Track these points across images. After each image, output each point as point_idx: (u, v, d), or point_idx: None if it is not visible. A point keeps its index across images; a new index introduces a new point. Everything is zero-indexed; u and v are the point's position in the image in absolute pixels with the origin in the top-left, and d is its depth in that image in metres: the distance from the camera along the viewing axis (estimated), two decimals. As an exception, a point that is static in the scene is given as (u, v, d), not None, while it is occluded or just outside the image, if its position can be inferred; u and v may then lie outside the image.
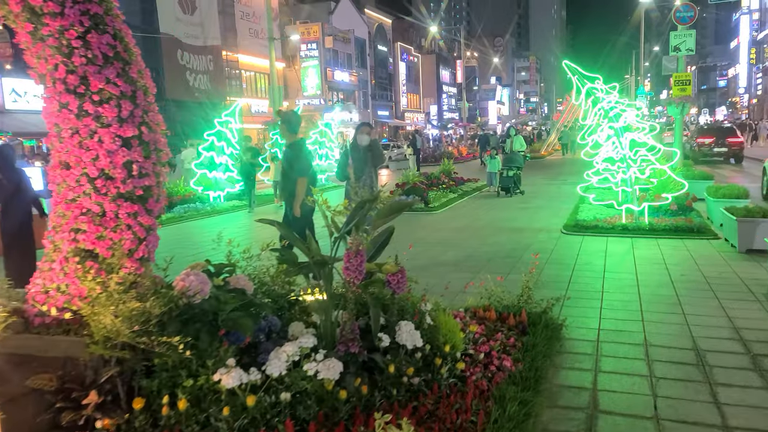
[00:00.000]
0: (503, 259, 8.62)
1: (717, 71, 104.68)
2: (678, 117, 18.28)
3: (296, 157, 6.86)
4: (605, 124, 11.09)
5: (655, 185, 11.59)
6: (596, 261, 8.29)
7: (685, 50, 18.27)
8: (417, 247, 9.77)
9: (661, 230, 10.04)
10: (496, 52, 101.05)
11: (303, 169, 6.85)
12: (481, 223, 12.26)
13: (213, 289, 3.58)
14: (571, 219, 11.57)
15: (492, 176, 17.88)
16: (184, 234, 12.54)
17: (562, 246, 9.49)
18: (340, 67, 53.56)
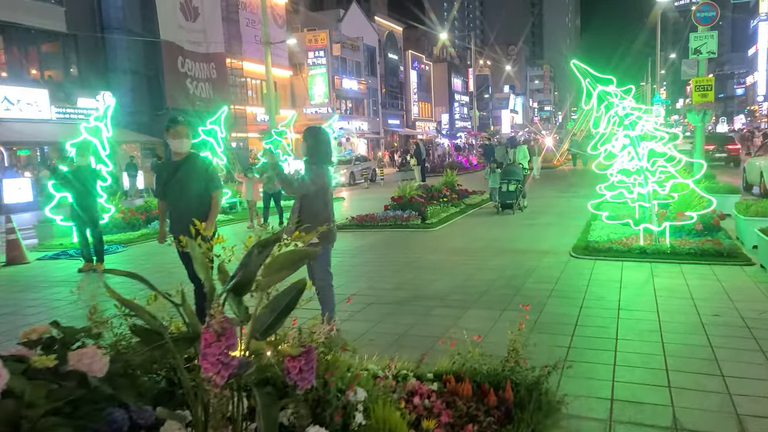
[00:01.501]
0: (500, 290, 7.34)
1: (734, 79, 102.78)
2: (699, 125, 16.92)
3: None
4: (620, 132, 9.79)
5: (677, 201, 10.29)
6: (609, 294, 6.99)
7: (706, 53, 16.92)
8: (404, 273, 8.53)
9: (684, 254, 8.73)
10: (509, 61, 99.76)
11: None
12: (482, 243, 10.99)
13: (15, 379, 2.35)
14: (582, 239, 10.28)
15: (494, 192, 16.20)
16: (149, 254, 11.38)
17: (570, 273, 8.20)
18: (348, 75, 52.55)
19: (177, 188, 5.91)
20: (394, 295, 7.29)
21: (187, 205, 5.84)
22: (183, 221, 5.51)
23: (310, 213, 5.50)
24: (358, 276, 8.47)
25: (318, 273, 5.64)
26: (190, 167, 5.96)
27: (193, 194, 5.89)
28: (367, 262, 9.50)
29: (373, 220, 13.35)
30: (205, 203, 5.96)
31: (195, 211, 5.63)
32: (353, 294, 7.35)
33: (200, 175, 5.95)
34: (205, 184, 5.96)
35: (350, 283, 8.02)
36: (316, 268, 5.65)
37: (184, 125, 6.06)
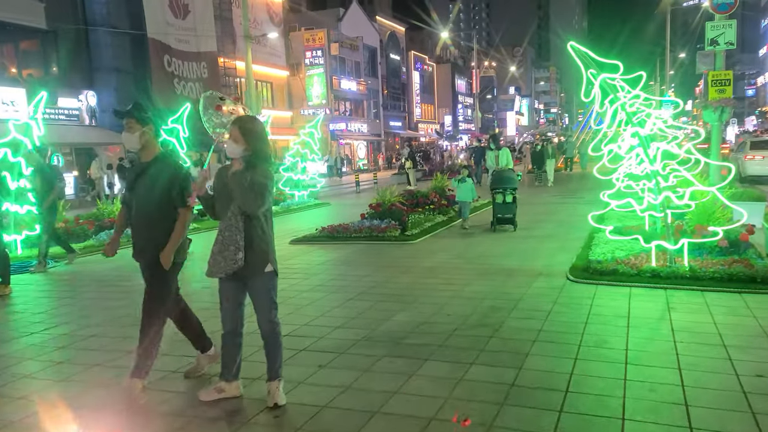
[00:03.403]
0: (473, 330, 5.72)
1: (745, 80, 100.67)
2: (715, 124, 15.25)
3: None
4: (627, 132, 8.17)
5: (695, 211, 8.65)
6: (614, 338, 5.36)
7: (724, 44, 15.25)
8: (360, 302, 6.94)
9: (707, 279, 7.10)
10: (514, 62, 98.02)
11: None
12: (464, 260, 9.37)
13: None
14: (582, 257, 8.66)
15: (464, 207, 12.68)
16: (77, 274, 9.82)
17: (565, 304, 6.57)
18: (347, 76, 51.03)
19: (138, 196, 4.56)
20: (336, 336, 5.69)
21: (147, 220, 4.50)
22: (139, 239, 4.58)
23: (263, 240, 4.17)
24: (302, 306, 6.86)
25: (266, 311, 4.31)
26: (156, 172, 4.51)
27: (154, 206, 4.47)
28: (319, 286, 7.90)
29: (345, 231, 11.75)
30: (169, 219, 4.49)
31: (155, 229, 4.45)
32: (286, 334, 5.75)
33: (166, 183, 4.46)
34: (170, 196, 4.46)
35: (288, 316, 6.42)
36: (263, 301, 4.28)
37: (132, 118, 4.58)
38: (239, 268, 4.03)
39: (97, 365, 5.21)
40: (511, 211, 11.97)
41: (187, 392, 4.55)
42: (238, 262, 4.00)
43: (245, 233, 4.03)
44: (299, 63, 47.71)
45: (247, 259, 4.04)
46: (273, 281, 4.25)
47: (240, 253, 4.00)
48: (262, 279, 4.17)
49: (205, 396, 4.33)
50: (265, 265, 4.14)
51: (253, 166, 4.05)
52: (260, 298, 4.20)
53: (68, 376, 5.00)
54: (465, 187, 12.46)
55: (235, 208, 4.05)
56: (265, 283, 4.19)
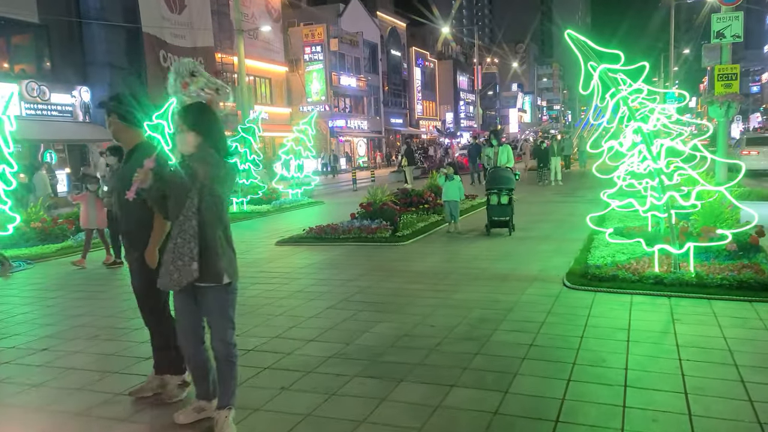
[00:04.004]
0: (457, 345, 5.20)
1: (750, 76, 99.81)
2: (722, 120, 14.72)
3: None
4: (629, 128, 7.62)
5: (701, 211, 8.12)
6: (613, 355, 4.83)
7: (730, 36, 14.72)
8: (339, 311, 6.41)
9: (715, 286, 6.56)
10: (517, 59, 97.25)
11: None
12: (455, 263, 8.84)
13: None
14: (580, 261, 8.12)
15: (451, 208, 11.55)
16: (51, 276, 9.31)
17: (561, 314, 6.04)
18: (346, 72, 50.42)
19: (118, 189, 4.15)
20: (307, 352, 5.16)
21: (127, 214, 4.13)
22: (125, 236, 4.29)
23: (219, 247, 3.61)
24: (274, 316, 6.34)
25: (220, 330, 3.73)
26: (134, 162, 4.01)
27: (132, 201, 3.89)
28: (298, 293, 7.38)
29: (334, 232, 11.22)
30: (150, 215, 4.00)
31: (136, 224, 4.05)
32: (250, 349, 5.24)
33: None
34: None
35: (257, 328, 5.90)
36: (217, 318, 3.71)
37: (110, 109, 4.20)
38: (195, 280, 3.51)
39: (40, 386, 4.68)
40: (506, 213, 11.04)
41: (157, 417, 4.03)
42: (193, 274, 3.48)
43: (200, 239, 3.50)
44: (298, 59, 47.13)
45: (201, 269, 3.52)
46: (230, 295, 3.68)
47: (195, 263, 3.48)
48: (217, 292, 3.61)
49: (184, 418, 3.83)
50: (220, 276, 3.58)
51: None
52: (214, 315, 3.66)
53: None
54: (452, 185, 11.50)
55: (191, 204, 3.50)
56: (220, 298, 3.63)
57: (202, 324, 3.78)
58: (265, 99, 43.56)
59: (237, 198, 17.26)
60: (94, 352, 5.33)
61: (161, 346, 4.27)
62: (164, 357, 4.26)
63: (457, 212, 11.65)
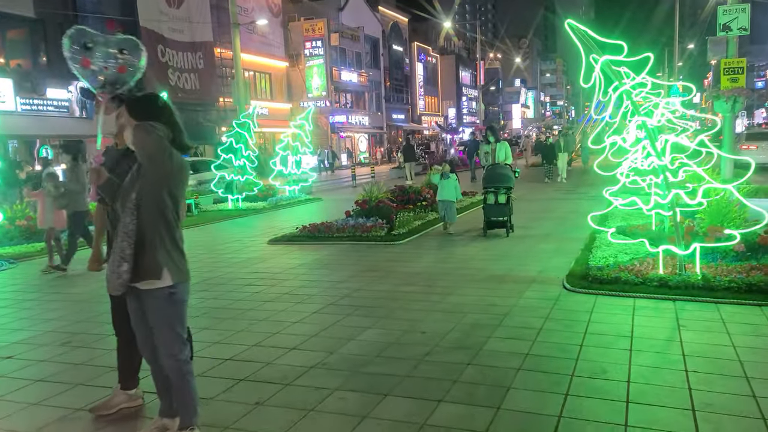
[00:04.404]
0: (448, 355, 4.87)
1: (755, 72, 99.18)
2: (728, 115, 14.32)
3: None
4: (632, 123, 7.27)
5: (707, 209, 7.79)
6: (614, 366, 4.49)
7: (737, 29, 14.31)
8: (325, 315, 6.09)
9: (723, 289, 6.21)
10: (520, 54, 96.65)
11: None
12: (450, 263, 8.50)
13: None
14: (581, 261, 7.78)
15: (447, 208, 10.94)
16: (30, 278, 9.00)
17: (559, 319, 5.71)
18: (347, 67, 50.02)
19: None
20: (287, 361, 4.84)
21: None
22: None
23: (160, 245, 3.26)
24: (257, 321, 6.01)
25: (167, 344, 3.35)
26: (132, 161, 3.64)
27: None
28: (285, 295, 7.05)
29: (328, 230, 10.89)
30: None
31: None
32: (227, 359, 4.92)
33: None
34: None
35: (238, 334, 5.58)
36: (161, 329, 3.34)
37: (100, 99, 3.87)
38: (126, 282, 3.18)
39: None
40: (503, 213, 10.39)
41: None
42: (122, 276, 3.15)
43: (137, 239, 3.16)
44: (298, 54, 46.73)
45: (137, 270, 3.18)
46: (175, 304, 3.29)
47: (125, 264, 3.14)
48: (157, 298, 3.25)
49: None
50: (157, 273, 3.21)
51: None
52: (158, 325, 3.31)
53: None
54: (448, 184, 10.81)
55: (130, 201, 3.20)
56: (163, 305, 3.27)
57: None
58: (265, 94, 43.22)
59: (232, 195, 16.95)
60: (61, 361, 5.02)
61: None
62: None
63: (453, 213, 11.02)
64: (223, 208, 16.87)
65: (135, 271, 3.16)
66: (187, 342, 3.37)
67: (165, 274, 3.20)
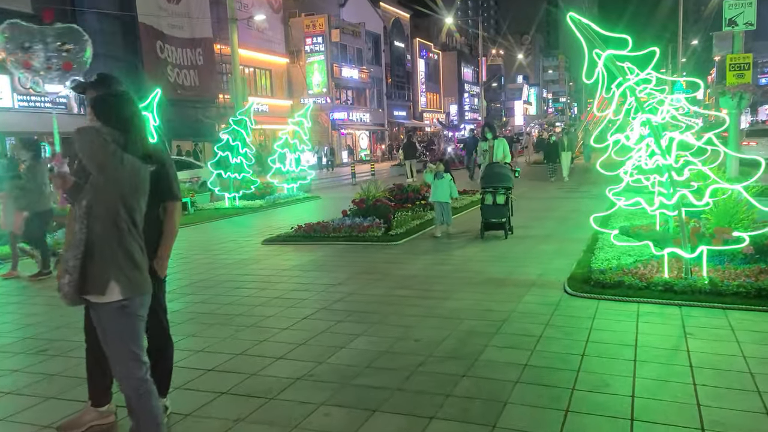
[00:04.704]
0: (441, 366, 4.62)
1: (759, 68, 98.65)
2: (733, 111, 14.05)
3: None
4: (636, 120, 7.00)
5: (714, 210, 7.53)
6: (617, 378, 4.24)
7: (743, 24, 14.05)
8: (315, 321, 5.84)
9: (731, 294, 5.95)
10: (522, 50, 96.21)
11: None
12: (448, 265, 8.25)
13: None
14: (583, 264, 7.53)
15: (442, 209, 10.36)
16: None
17: (560, 326, 5.45)
18: (348, 63, 49.70)
19: None
20: (273, 372, 4.59)
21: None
22: None
23: (113, 252, 3.02)
24: (244, 328, 5.76)
25: (119, 362, 3.10)
26: None
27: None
28: (276, 299, 6.80)
29: (324, 230, 10.64)
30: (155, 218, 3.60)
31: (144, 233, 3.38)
32: (209, 369, 4.67)
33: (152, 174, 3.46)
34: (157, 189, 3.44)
35: (223, 342, 5.33)
36: (113, 345, 3.09)
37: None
38: (71, 295, 2.94)
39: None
40: (502, 214, 9.88)
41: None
42: (63, 289, 2.92)
43: (86, 247, 2.92)
44: (299, 50, 46.43)
45: (83, 283, 2.94)
46: (127, 318, 3.03)
47: (67, 276, 2.91)
48: (107, 312, 3.00)
49: None
50: (103, 287, 2.96)
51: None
52: (108, 341, 3.06)
53: None
54: (442, 183, 10.22)
55: (80, 209, 2.98)
56: (112, 319, 3.01)
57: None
58: (265, 91, 42.96)
59: (229, 193, 16.71)
60: (36, 371, 4.78)
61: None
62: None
63: (449, 214, 10.48)
64: (219, 207, 16.63)
65: (81, 284, 2.93)
66: (143, 361, 3.11)
67: (112, 289, 2.96)
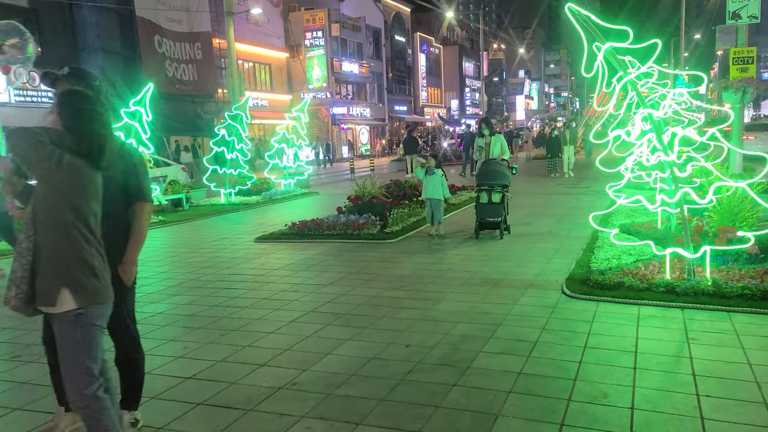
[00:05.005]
0: (434, 371, 4.39)
1: (762, 62, 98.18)
2: (737, 106, 13.80)
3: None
4: (638, 115, 6.77)
5: (717, 208, 7.30)
6: (615, 388, 4.01)
7: (746, 17, 13.76)
8: (302, 326, 5.62)
9: (735, 296, 5.72)
10: (524, 45, 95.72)
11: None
12: (443, 265, 8.02)
13: None
14: (582, 263, 7.30)
15: (434, 207, 9.84)
16: None
17: (557, 330, 5.22)
18: (348, 58, 49.39)
19: None
20: (253, 381, 4.37)
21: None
22: None
23: (65, 259, 2.80)
24: (228, 332, 5.54)
25: (71, 375, 2.87)
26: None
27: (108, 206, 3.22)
28: (264, 301, 6.58)
29: (318, 228, 10.41)
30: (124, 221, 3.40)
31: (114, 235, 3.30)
32: (187, 377, 4.45)
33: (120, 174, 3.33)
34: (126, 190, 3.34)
35: (204, 347, 5.11)
36: (65, 357, 2.87)
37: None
38: (21, 308, 2.75)
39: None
40: (497, 213, 9.43)
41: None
42: (9, 302, 2.73)
43: (33, 256, 2.72)
44: (299, 44, 46.13)
45: (34, 291, 2.74)
46: (81, 329, 2.82)
47: (14, 288, 2.71)
48: (62, 323, 2.81)
49: None
50: (50, 304, 2.78)
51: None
52: (63, 354, 2.86)
53: None
54: (434, 180, 9.72)
55: (28, 215, 2.78)
56: (65, 329, 2.81)
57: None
58: (265, 85, 42.71)
59: (225, 189, 16.49)
60: (6, 379, 4.56)
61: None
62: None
63: (441, 212, 9.91)
64: (215, 203, 16.42)
65: (30, 295, 2.72)
66: (95, 376, 2.89)
67: (64, 299, 2.76)
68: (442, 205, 9.95)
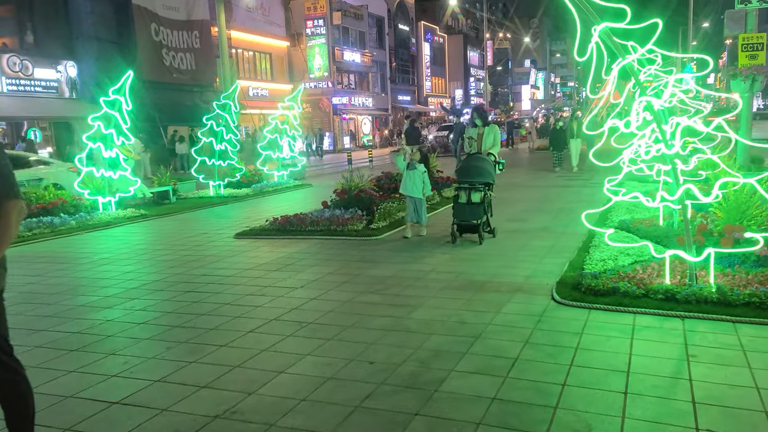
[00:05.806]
0: (396, 395, 3.84)
1: None
2: (745, 94, 13.16)
3: None
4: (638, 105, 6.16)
5: (723, 205, 6.72)
6: (603, 418, 3.45)
7: (757, 2, 13.10)
8: (265, 333, 5.07)
9: (741, 304, 5.14)
10: (530, 34, 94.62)
11: None
12: (427, 265, 7.44)
13: None
14: (576, 265, 6.72)
15: (415, 205, 9.09)
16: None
17: (542, 344, 4.66)
18: (350, 47, 48.65)
19: None
20: (188, 407, 3.83)
21: None
22: None
23: None
24: (176, 344, 4.99)
25: None
26: None
27: None
28: (226, 306, 6.04)
29: (300, 223, 9.86)
30: None
31: None
32: (113, 402, 3.91)
33: None
34: None
35: (142, 364, 4.57)
36: None
37: None
38: None
39: None
40: (476, 215, 8.39)
41: None
42: None
43: None
44: (300, 33, 45.45)
45: None
46: None
47: None
48: None
49: None
50: None
51: None
52: None
53: None
54: (414, 175, 8.89)
55: None
56: None
57: None
58: (265, 75, 42.11)
59: (213, 181, 15.96)
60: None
61: None
62: None
63: (424, 211, 9.08)
64: (203, 195, 15.91)
65: None
66: None
67: None
68: (425, 204, 9.19)
